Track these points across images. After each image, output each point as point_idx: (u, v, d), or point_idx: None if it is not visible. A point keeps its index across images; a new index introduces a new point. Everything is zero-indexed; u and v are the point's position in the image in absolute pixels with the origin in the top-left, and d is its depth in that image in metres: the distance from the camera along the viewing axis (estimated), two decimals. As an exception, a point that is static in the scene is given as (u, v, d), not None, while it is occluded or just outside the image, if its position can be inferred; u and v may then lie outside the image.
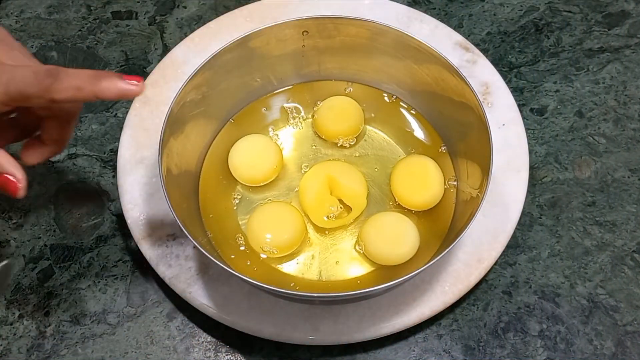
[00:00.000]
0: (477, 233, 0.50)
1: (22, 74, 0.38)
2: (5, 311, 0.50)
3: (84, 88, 0.39)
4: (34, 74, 0.38)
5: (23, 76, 0.38)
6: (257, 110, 0.56)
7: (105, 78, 0.39)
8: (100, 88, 0.39)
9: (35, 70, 0.38)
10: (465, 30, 0.64)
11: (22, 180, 0.40)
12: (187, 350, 0.49)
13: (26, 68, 0.39)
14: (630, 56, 0.62)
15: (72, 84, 0.38)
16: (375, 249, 0.48)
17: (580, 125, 0.59)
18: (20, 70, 0.38)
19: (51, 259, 0.52)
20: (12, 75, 0.38)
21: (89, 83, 0.39)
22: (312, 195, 0.51)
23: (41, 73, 0.38)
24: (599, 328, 0.49)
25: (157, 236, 0.50)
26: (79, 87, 0.38)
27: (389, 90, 0.56)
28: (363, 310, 0.47)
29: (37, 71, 0.38)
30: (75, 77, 0.39)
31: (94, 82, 0.39)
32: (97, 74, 0.39)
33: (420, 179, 0.51)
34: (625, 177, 0.56)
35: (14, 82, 0.38)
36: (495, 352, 0.48)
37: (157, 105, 0.56)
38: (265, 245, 0.49)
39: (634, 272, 0.51)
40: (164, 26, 0.65)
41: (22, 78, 0.38)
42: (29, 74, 0.38)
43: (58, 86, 0.38)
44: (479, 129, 0.47)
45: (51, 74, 0.38)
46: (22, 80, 0.38)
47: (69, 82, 0.38)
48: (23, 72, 0.38)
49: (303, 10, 0.59)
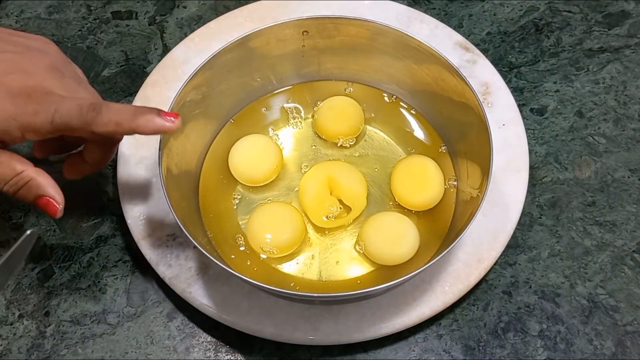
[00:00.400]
0: (477, 233, 0.50)
1: (69, 106, 0.40)
2: (5, 311, 0.50)
3: (123, 124, 0.41)
4: (79, 107, 0.40)
5: (69, 109, 0.40)
6: (257, 110, 0.56)
7: (144, 115, 0.41)
8: (137, 124, 0.41)
9: (80, 104, 0.40)
10: (465, 30, 0.64)
11: (62, 202, 0.43)
12: (187, 350, 0.49)
13: (73, 101, 0.41)
14: (630, 56, 0.62)
15: (113, 119, 0.41)
16: (375, 249, 0.48)
17: (580, 125, 0.59)
18: (67, 103, 0.40)
19: (51, 259, 0.52)
20: (59, 107, 0.40)
21: (129, 120, 0.41)
22: (312, 195, 0.51)
23: (85, 107, 0.40)
24: (599, 328, 0.49)
25: (157, 236, 0.50)
26: (119, 123, 0.41)
27: (389, 90, 0.56)
28: (363, 310, 0.47)
29: (82, 105, 0.40)
30: (116, 113, 0.41)
31: (133, 119, 0.41)
32: (138, 110, 0.41)
33: (420, 179, 0.51)
34: (625, 177, 0.56)
35: (59, 114, 0.40)
36: (495, 352, 0.48)
37: (157, 105, 0.55)
38: (265, 246, 0.49)
39: (634, 272, 0.51)
40: (164, 26, 0.65)
41: (68, 111, 0.40)
42: (74, 107, 0.40)
43: (99, 121, 0.40)
44: (479, 129, 0.47)
45: (94, 108, 0.40)
46: (67, 113, 0.40)
47: (110, 118, 0.40)
48: (70, 105, 0.40)
49: (303, 10, 0.59)
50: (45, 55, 0.44)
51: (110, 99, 0.60)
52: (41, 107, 0.40)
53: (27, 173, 0.42)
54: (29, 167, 0.42)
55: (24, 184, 0.42)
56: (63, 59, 0.45)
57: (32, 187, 0.42)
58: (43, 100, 0.40)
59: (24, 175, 0.41)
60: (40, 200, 0.42)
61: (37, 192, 0.42)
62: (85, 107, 0.40)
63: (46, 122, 0.40)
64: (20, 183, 0.41)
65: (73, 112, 0.40)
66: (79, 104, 0.40)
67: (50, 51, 0.45)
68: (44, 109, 0.40)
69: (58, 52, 0.45)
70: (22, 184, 0.42)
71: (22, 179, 0.41)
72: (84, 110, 0.40)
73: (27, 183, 0.42)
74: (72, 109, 0.40)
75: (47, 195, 0.42)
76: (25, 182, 0.42)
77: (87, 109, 0.40)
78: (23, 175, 0.41)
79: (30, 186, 0.42)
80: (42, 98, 0.40)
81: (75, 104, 0.40)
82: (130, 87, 0.61)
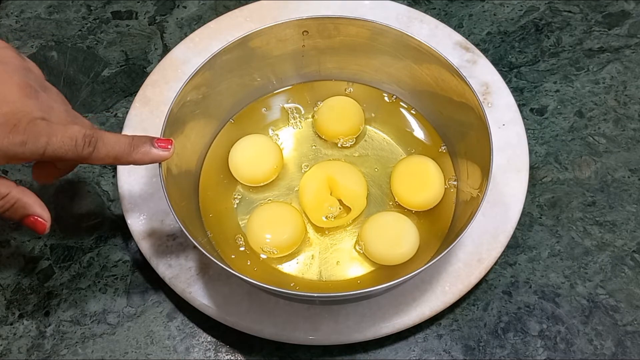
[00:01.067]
0: (477, 233, 0.50)
1: (61, 139, 0.39)
2: (5, 311, 0.50)
3: (120, 158, 0.41)
4: (73, 141, 0.40)
5: (62, 142, 0.39)
6: (257, 110, 0.56)
7: (139, 147, 0.42)
8: (135, 159, 0.42)
9: (74, 137, 0.40)
10: (465, 30, 0.64)
11: (48, 220, 0.43)
12: (187, 350, 0.49)
13: (65, 133, 0.40)
14: (630, 56, 0.62)
15: (111, 154, 0.41)
16: (375, 249, 0.48)
17: (580, 125, 0.59)
18: (58, 135, 0.39)
19: (51, 259, 0.52)
20: (50, 140, 0.39)
21: (126, 154, 0.41)
22: (311, 195, 0.51)
23: (80, 141, 0.40)
24: (599, 328, 0.49)
25: (157, 236, 0.50)
26: (117, 158, 0.41)
27: (389, 90, 0.56)
28: (363, 310, 0.47)
29: (76, 138, 0.40)
30: (112, 146, 0.41)
31: (130, 152, 0.41)
32: (134, 142, 0.42)
33: (420, 179, 0.51)
34: (625, 177, 0.56)
35: (51, 147, 0.39)
36: (495, 352, 0.48)
37: (157, 105, 0.56)
38: (265, 246, 0.49)
39: (634, 272, 0.51)
40: (164, 26, 0.65)
41: (61, 145, 0.39)
42: (68, 141, 0.39)
43: (96, 156, 0.41)
44: (479, 129, 0.47)
45: (89, 142, 0.40)
46: (60, 147, 0.39)
47: (107, 153, 0.41)
48: (62, 137, 0.39)
49: (303, 10, 0.59)
50: (7, 66, 0.41)
51: (110, 99, 0.60)
52: (29, 138, 0.38)
53: (12, 195, 0.41)
54: (12, 188, 0.41)
55: (10, 206, 0.41)
56: (24, 65, 0.43)
57: (18, 208, 0.41)
58: (30, 131, 0.39)
59: (9, 197, 0.41)
60: (27, 219, 0.42)
61: (23, 212, 0.41)
62: (80, 140, 0.40)
63: (35, 153, 0.39)
64: (6, 206, 0.41)
65: (67, 147, 0.39)
66: (71, 136, 0.40)
67: (10, 59, 0.42)
68: (32, 140, 0.38)
69: (16, 56, 0.43)
70: (7, 207, 0.41)
71: (7, 202, 0.41)
72: (79, 145, 0.40)
73: (13, 205, 0.41)
74: (66, 143, 0.39)
75: (33, 215, 0.42)
76: (11, 205, 0.41)
77: (82, 143, 0.40)
78: (8, 198, 0.41)
79: (16, 207, 0.41)
80: (28, 128, 0.39)
81: (68, 137, 0.39)
82: (130, 87, 0.61)
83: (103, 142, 0.41)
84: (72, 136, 0.40)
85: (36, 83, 0.42)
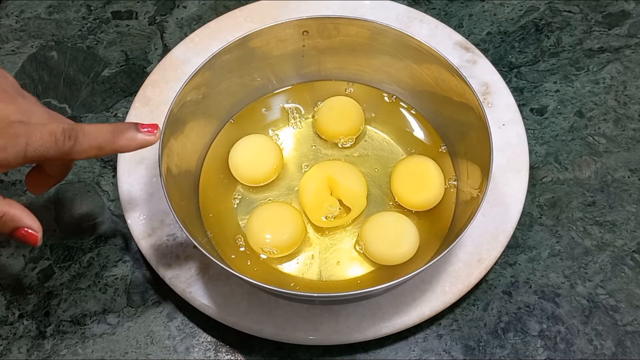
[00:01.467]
0: (477, 233, 0.50)
1: (41, 137, 0.38)
2: (5, 311, 0.50)
3: (104, 147, 0.40)
4: (52, 136, 0.38)
5: (42, 140, 0.38)
6: (257, 110, 0.56)
7: (123, 133, 0.40)
8: (120, 145, 0.40)
9: (53, 132, 0.38)
10: (465, 30, 0.64)
11: (40, 230, 0.41)
12: (187, 350, 0.49)
13: (43, 130, 0.38)
14: (630, 56, 0.62)
15: (93, 144, 0.39)
16: (375, 249, 0.48)
17: (580, 125, 0.59)
18: (37, 134, 0.38)
19: (51, 259, 0.52)
20: (29, 139, 0.38)
21: (110, 142, 0.39)
22: (311, 194, 0.51)
23: (59, 135, 0.38)
24: (599, 328, 0.49)
25: (157, 236, 0.50)
26: (101, 147, 0.40)
27: (389, 90, 0.56)
28: (363, 310, 0.47)
29: (55, 133, 0.38)
30: (94, 137, 0.39)
31: (114, 139, 0.40)
32: (115, 129, 0.40)
33: (420, 179, 0.51)
34: (625, 177, 0.56)
35: (31, 147, 0.38)
36: (495, 352, 0.48)
37: (157, 105, 0.56)
38: (265, 246, 0.49)
39: (634, 272, 0.51)
40: (164, 26, 0.65)
41: (41, 142, 0.38)
42: (47, 137, 0.38)
43: (78, 149, 0.39)
44: (479, 129, 0.47)
45: (69, 136, 0.38)
46: (41, 145, 0.38)
47: (89, 144, 0.39)
48: (41, 135, 0.38)
49: (303, 10, 0.59)
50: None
51: (110, 99, 0.60)
52: (8, 141, 0.37)
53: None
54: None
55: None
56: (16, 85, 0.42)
57: (6, 221, 0.39)
58: (8, 134, 0.38)
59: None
60: (18, 232, 0.40)
61: (12, 225, 0.40)
62: (59, 135, 0.38)
63: (17, 157, 0.38)
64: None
65: (47, 144, 0.38)
66: (50, 132, 0.38)
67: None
68: (12, 143, 0.37)
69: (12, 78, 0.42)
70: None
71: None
72: (59, 139, 0.38)
73: (1, 219, 0.39)
74: (45, 140, 0.38)
75: (23, 227, 0.40)
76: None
77: (62, 137, 0.38)
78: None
79: (4, 221, 0.39)
80: (5, 131, 0.38)
81: (47, 133, 0.38)
82: (130, 87, 0.61)
83: (84, 133, 0.39)
84: (51, 132, 0.38)
85: (13, 89, 0.41)
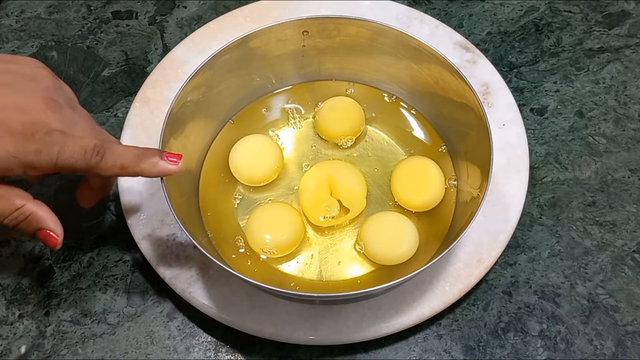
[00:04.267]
0: (477, 233, 0.50)
1: (72, 149, 0.40)
2: (5, 311, 0.50)
3: (127, 168, 0.41)
4: (83, 150, 0.40)
5: (72, 152, 0.40)
6: (257, 110, 0.56)
7: (147, 158, 0.42)
8: (142, 169, 0.42)
9: (85, 146, 0.40)
10: (466, 30, 0.64)
11: (61, 235, 0.43)
12: (187, 350, 0.49)
13: (76, 143, 0.40)
14: (631, 56, 0.62)
15: (118, 163, 0.41)
16: (375, 249, 0.48)
17: (580, 125, 0.59)
18: (70, 145, 0.40)
19: (51, 259, 0.52)
20: (62, 149, 0.40)
21: (133, 164, 0.41)
22: (309, 194, 0.51)
23: (89, 150, 0.40)
24: (599, 328, 0.49)
25: (157, 236, 0.50)
26: (124, 167, 0.41)
27: (389, 90, 0.56)
28: (363, 310, 0.47)
29: (86, 147, 0.40)
30: (120, 156, 0.41)
31: (138, 163, 0.42)
32: (142, 153, 0.42)
33: (420, 180, 0.51)
34: (625, 177, 0.56)
35: (62, 156, 0.40)
36: (495, 352, 0.48)
37: (157, 105, 0.56)
38: (265, 246, 0.49)
39: (634, 272, 0.51)
40: (164, 26, 0.65)
41: (72, 154, 0.40)
42: (78, 150, 0.40)
43: (103, 165, 0.41)
44: (479, 129, 0.47)
45: (98, 152, 0.40)
46: (71, 156, 0.40)
47: (114, 162, 0.41)
48: (73, 147, 0.40)
49: (303, 10, 0.59)
50: (38, 83, 0.43)
51: (111, 99, 0.60)
52: (43, 147, 0.39)
53: (27, 207, 0.41)
54: (28, 201, 0.41)
55: (24, 218, 0.41)
56: (56, 85, 0.44)
57: (32, 220, 0.42)
58: (45, 140, 0.40)
59: (24, 209, 0.41)
60: (40, 233, 0.42)
61: (36, 225, 0.42)
62: (89, 150, 0.40)
63: (49, 163, 0.40)
64: (20, 217, 0.41)
65: (77, 156, 0.40)
66: (82, 146, 0.40)
67: (42, 77, 0.43)
68: (46, 149, 0.39)
69: (50, 76, 0.44)
70: (22, 218, 0.41)
71: (22, 214, 0.41)
72: (87, 154, 0.40)
73: (28, 217, 0.41)
74: (76, 152, 0.40)
75: (46, 229, 0.42)
76: (25, 217, 0.41)
77: (91, 152, 0.40)
78: (23, 210, 0.41)
79: (30, 220, 0.41)
80: (43, 138, 0.40)
81: (79, 146, 0.40)
82: (130, 87, 0.61)
83: (111, 151, 0.41)
84: (83, 145, 0.40)
85: (64, 101, 0.43)
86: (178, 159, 0.43)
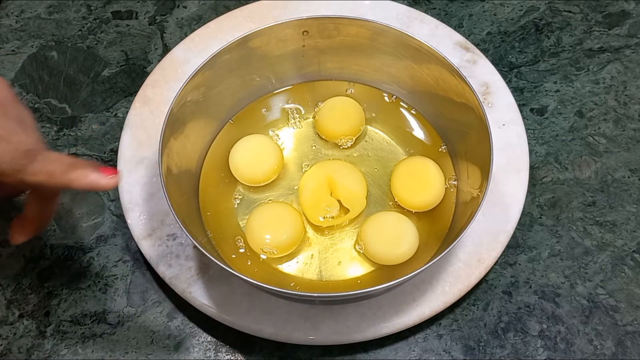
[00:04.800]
0: (477, 233, 0.50)
1: (3, 149, 0.38)
2: (5, 311, 0.50)
3: (55, 175, 0.39)
4: (13, 151, 0.38)
5: (3, 152, 0.38)
6: (257, 110, 0.56)
7: (78, 168, 0.39)
8: (70, 178, 0.39)
9: (17, 148, 0.38)
10: (466, 30, 0.64)
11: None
12: (187, 350, 0.49)
13: (9, 144, 0.38)
14: (631, 56, 0.62)
15: (46, 169, 0.38)
16: (375, 249, 0.48)
17: (580, 125, 0.59)
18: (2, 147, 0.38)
19: (51, 259, 0.52)
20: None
21: (61, 172, 0.39)
22: (309, 193, 0.51)
23: (20, 152, 0.38)
24: (599, 328, 0.49)
25: (157, 236, 0.50)
26: (51, 174, 0.39)
27: (389, 90, 0.56)
28: (363, 310, 0.47)
29: (17, 149, 0.38)
30: (51, 162, 0.39)
31: (66, 170, 0.39)
32: (74, 163, 0.39)
33: (420, 180, 0.51)
34: (625, 177, 0.56)
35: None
36: (495, 352, 0.48)
37: (157, 105, 0.56)
38: (265, 246, 0.49)
39: (634, 272, 0.51)
40: (164, 26, 0.65)
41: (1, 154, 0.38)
42: (9, 151, 0.38)
43: (30, 169, 0.38)
44: (479, 129, 0.47)
45: (28, 155, 0.38)
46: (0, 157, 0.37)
47: (43, 167, 0.38)
48: (5, 147, 0.38)
49: (303, 10, 0.59)
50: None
51: (110, 99, 0.60)
52: None
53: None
54: None
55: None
56: (11, 99, 0.41)
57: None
58: None
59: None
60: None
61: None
62: (20, 152, 0.38)
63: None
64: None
65: (6, 156, 0.37)
66: (15, 148, 0.38)
67: None
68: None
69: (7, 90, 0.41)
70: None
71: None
72: (17, 156, 0.38)
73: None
74: (6, 153, 0.37)
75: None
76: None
77: (21, 154, 0.38)
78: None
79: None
80: None
81: (12, 147, 0.38)
82: (130, 87, 0.61)
83: (42, 156, 0.39)
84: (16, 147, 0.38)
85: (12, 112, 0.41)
86: (113, 174, 0.40)
